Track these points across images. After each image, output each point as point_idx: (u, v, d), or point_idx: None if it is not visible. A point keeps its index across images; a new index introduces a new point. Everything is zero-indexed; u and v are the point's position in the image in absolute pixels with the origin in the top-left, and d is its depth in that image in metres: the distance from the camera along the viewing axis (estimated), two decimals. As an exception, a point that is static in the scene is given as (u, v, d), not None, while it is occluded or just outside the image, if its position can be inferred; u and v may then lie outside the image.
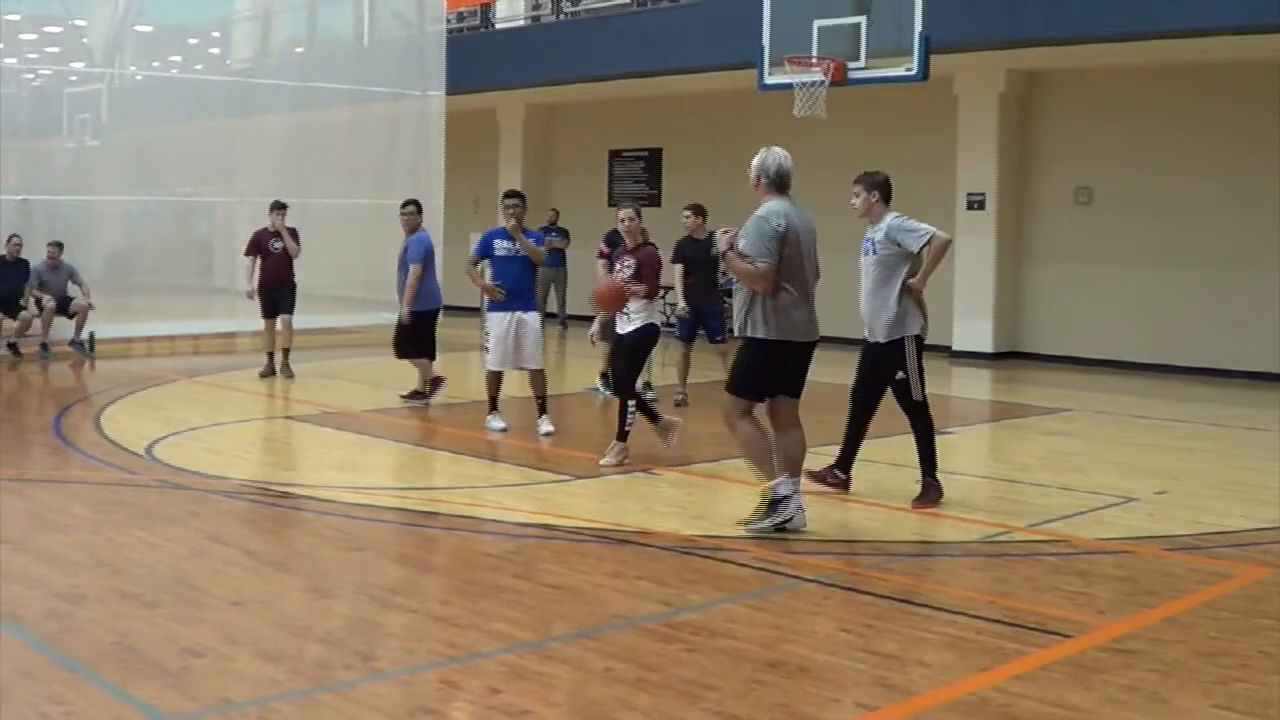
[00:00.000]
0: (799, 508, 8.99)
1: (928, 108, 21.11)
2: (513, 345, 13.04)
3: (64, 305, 19.59)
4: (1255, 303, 18.81)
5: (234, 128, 23.23)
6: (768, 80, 17.59)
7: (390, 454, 12.84)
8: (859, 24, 16.76)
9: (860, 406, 10.37)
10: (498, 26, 27.10)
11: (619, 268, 12.01)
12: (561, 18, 25.44)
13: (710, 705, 5.80)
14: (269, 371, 17.21)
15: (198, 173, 23.78)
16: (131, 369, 18.83)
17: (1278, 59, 17.97)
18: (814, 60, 16.90)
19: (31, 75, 23.28)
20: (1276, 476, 11.40)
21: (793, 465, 9.08)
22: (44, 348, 19.36)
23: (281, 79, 23.93)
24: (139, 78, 24.85)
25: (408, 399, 15.14)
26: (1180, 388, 17.98)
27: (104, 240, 22.73)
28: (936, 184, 20.86)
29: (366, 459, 12.68)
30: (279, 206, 17.39)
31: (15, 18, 22.58)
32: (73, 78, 23.39)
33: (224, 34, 26.97)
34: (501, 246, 13.15)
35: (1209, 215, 19.21)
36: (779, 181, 9.10)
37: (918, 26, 15.95)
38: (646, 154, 26.95)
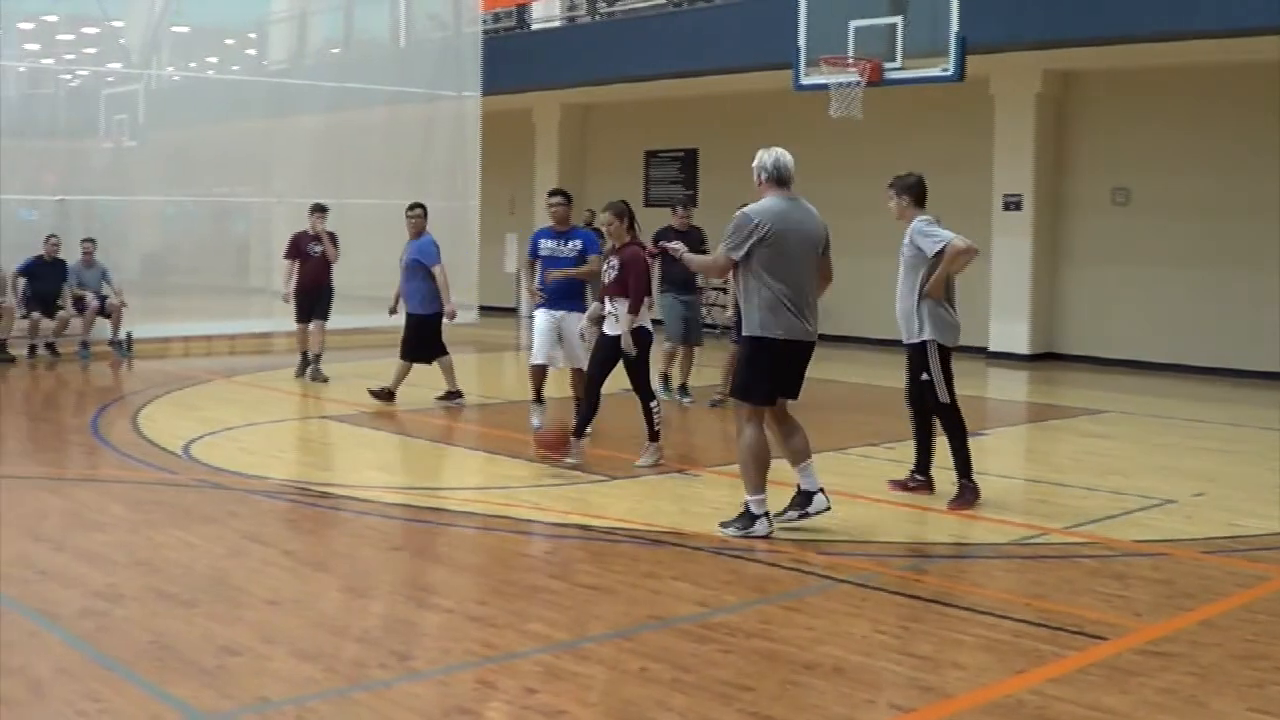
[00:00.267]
0: (767, 529, 8.98)
1: (964, 108, 21.05)
2: (555, 342, 12.95)
3: (102, 304, 19.70)
4: (1297, 305, 18.70)
5: (270, 128, 23.32)
6: (804, 81, 17.55)
7: (426, 454, 12.87)
8: (895, 24, 16.73)
9: (916, 408, 10.39)
10: (533, 27, 27.11)
11: (605, 267, 11.64)
12: (597, 18, 25.44)
13: (745, 706, 5.80)
14: (301, 372, 17.22)
15: (234, 173, 23.88)
16: (168, 369, 18.93)
17: (1318, 59, 17.87)
18: (850, 61, 16.87)
19: (69, 76, 23.46)
20: (1316, 479, 11.34)
21: (797, 455, 9.15)
22: (84, 346, 19.48)
23: (318, 80, 24.04)
24: (176, 78, 24.96)
25: (443, 399, 15.13)
26: (1220, 390, 17.87)
27: (141, 240, 22.84)
28: (972, 185, 20.82)
29: (403, 459, 12.73)
30: (319, 209, 17.32)
31: (53, 19, 22.79)
32: (110, 79, 23.49)
33: (261, 35, 27.08)
34: (546, 246, 13.09)
35: (1248, 217, 19.07)
36: (778, 176, 9.00)
37: (954, 27, 15.89)
38: (682, 154, 26.93)
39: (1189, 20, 16.61)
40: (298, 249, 17.22)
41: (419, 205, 15.66)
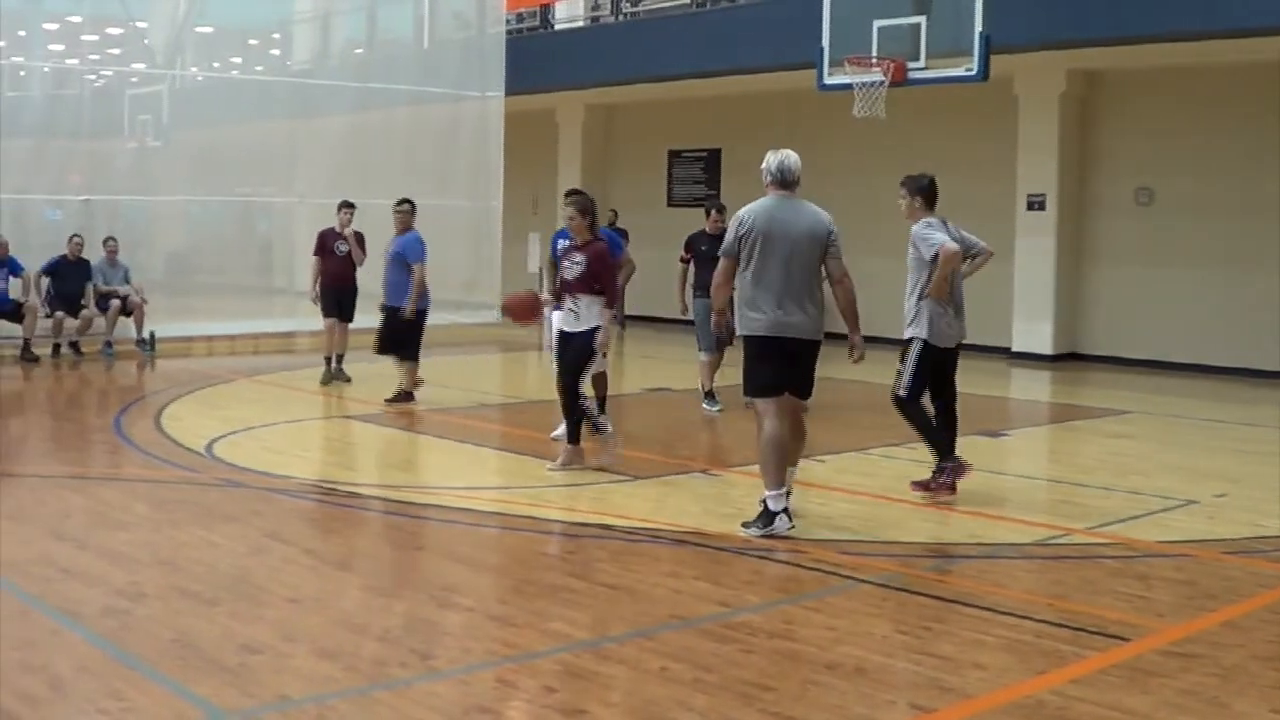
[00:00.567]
0: (788, 526, 8.97)
1: (988, 108, 21.00)
2: None
3: (124, 303, 19.76)
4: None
5: (294, 129, 23.39)
6: (827, 80, 17.54)
7: (448, 453, 12.88)
8: (919, 24, 16.70)
9: (936, 403, 10.42)
10: (557, 27, 27.12)
11: (566, 263, 11.36)
12: (621, 18, 25.43)
13: (766, 706, 5.80)
14: (327, 380, 17.00)
15: (258, 173, 23.95)
16: (192, 368, 18.99)
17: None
18: (874, 60, 16.85)
19: (93, 76, 23.52)
20: (1340, 480, 11.29)
21: (790, 454, 9.19)
22: (108, 345, 19.54)
23: (341, 80, 24.09)
24: (200, 79, 25.02)
25: (392, 401, 15.04)
26: (1243, 391, 17.80)
27: (165, 240, 22.93)
28: (996, 185, 20.78)
29: (425, 458, 12.75)
30: (347, 206, 17.18)
31: (77, 19, 22.86)
32: (134, 79, 23.55)
33: (284, 35, 27.11)
34: (563, 247, 13.08)
35: (1272, 217, 18.98)
36: (780, 178, 9.10)
37: (978, 26, 15.86)
38: (706, 154, 26.90)
39: (1214, 19, 16.55)
40: (324, 246, 17.11)
41: (407, 200, 15.67)
